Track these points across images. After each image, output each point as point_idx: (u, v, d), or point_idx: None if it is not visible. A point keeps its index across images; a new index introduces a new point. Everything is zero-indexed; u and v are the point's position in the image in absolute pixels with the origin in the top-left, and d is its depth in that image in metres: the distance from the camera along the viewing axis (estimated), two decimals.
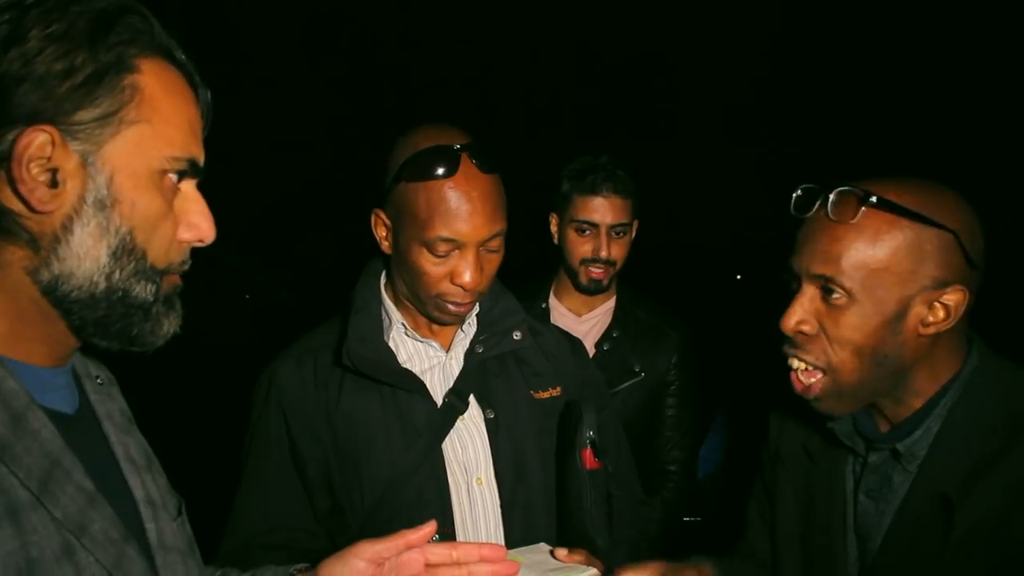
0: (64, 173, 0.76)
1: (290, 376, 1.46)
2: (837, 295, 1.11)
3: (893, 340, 1.11)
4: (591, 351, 2.13)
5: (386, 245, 1.43)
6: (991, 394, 1.14)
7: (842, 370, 1.14)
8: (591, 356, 1.98)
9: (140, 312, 0.83)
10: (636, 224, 2.18)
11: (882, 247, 1.08)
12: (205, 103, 0.90)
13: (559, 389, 1.54)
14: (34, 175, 0.75)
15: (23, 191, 0.75)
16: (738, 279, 6.72)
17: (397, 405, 1.43)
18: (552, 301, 2.28)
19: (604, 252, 2.11)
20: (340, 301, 1.52)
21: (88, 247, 0.78)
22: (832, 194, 1.11)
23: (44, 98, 0.74)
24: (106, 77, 0.77)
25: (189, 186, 0.87)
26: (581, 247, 2.13)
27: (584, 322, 2.25)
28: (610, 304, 2.26)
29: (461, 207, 1.30)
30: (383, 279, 1.53)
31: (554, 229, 2.22)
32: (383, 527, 1.04)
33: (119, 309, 0.82)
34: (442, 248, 1.32)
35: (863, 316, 1.10)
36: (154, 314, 0.85)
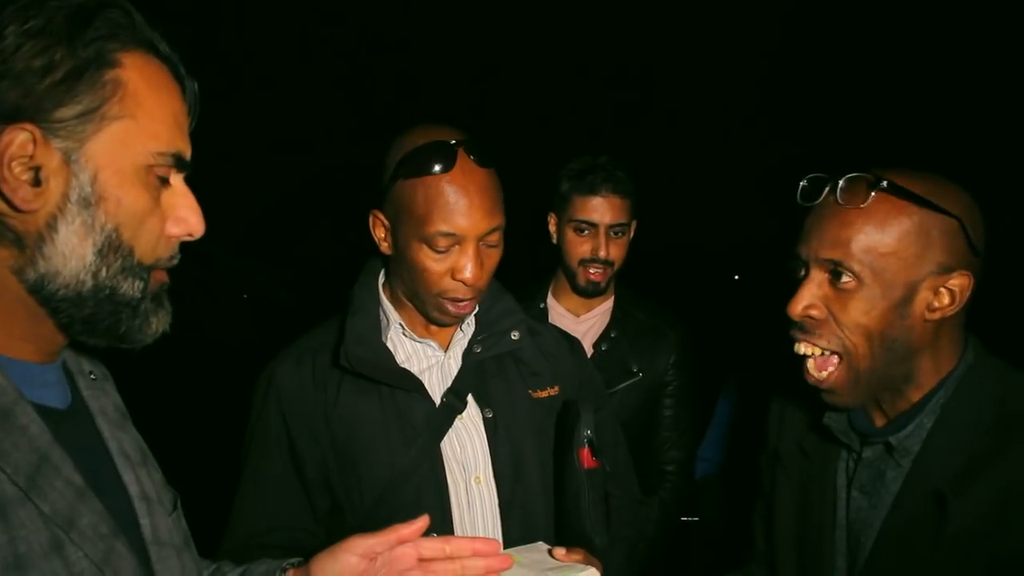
0: (47, 171, 0.75)
1: (289, 376, 1.46)
2: (847, 279, 1.13)
3: (901, 324, 1.13)
4: (589, 351, 2.13)
5: (385, 246, 1.43)
6: (985, 392, 1.16)
7: (856, 354, 1.16)
8: (589, 356, 1.99)
9: (128, 309, 0.83)
10: (634, 224, 2.18)
11: (890, 232, 1.11)
12: (192, 95, 0.89)
13: (557, 388, 1.55)
14: (16, 174, 0.74)
15: (6, 190, 0.74)
16: (736, 279, 6.72)
17: (396, 405, 1.43)
18: (550, 301, 2.28)
19: (602, 252, 2.11)
20: (339, 301, 1.52)
21: (73, 245, 0.78)
22: (842, 180, 1.14)
23: (24, 96, 0.73)
24: (86, 73, 0.76)
25: (176, 180, 0.87)
26: (580, 247, 2.14)
27: (582, 322, 2.25)
28: (608, 304, 2.27)
29: (459, 201, 1.30)
30: (381, 279, 1.53)
31: (552, 229, 2.22)
32: (382, 527, 1.03)
33: (107, 307, 0.81)
34: (442, 243, 1.32)
35: (872, 300, 1.13)
36: (142, 311, 0.84)
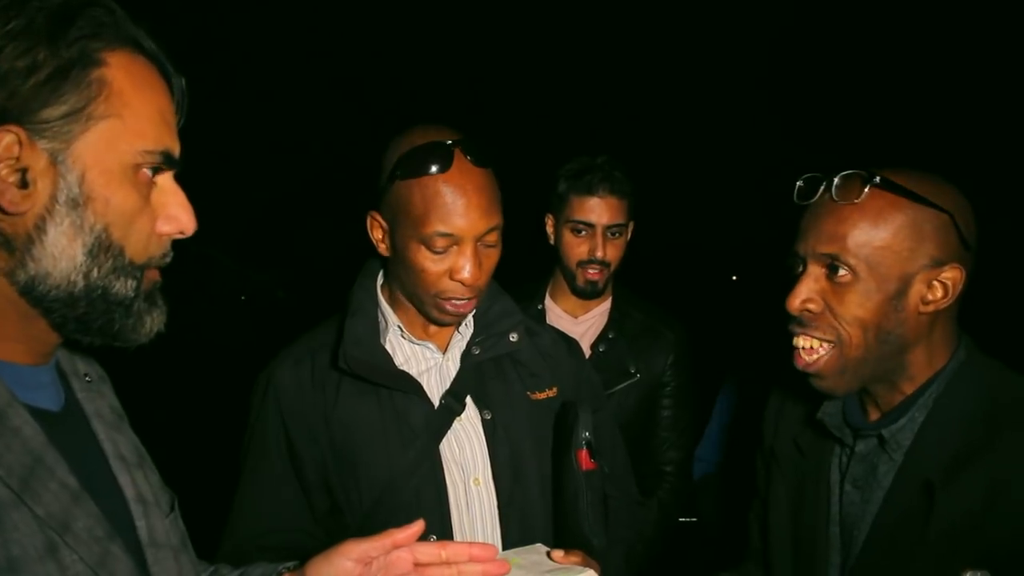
0: (34, 173, 0.75)
1: (288, 377, 1.46)
2: (843, 272, 1.17)
3: (896, 317, 1.16)
4: (587, 352, 2.13)
5: (383, 247, 1.43)
6: (977, 387, 1.19)
7: (849, 344, 1.19)
8: (587, 357, 1.99)
9: (121, 308, 0.83)
10: (632, 225, 2.18)
11: (884, 227, 1.14)
12: (179, 92, 0.88)
13: (555, 390, 1.54)
14: (3, 176, 0.74)
15: None
16: (734, 280, 6.73)
17: (394, 407, 1.43)
18: (548, 302, 2.28)
19: (600, 253, 2.11)
20: (338, 301, 1.52)
21: (63, 246, 0.77)
22: (837, 178, 1.18)
23: (8, 97, 0.73)
24: (71, 73, 0.75)
25: (166, 178, 0.86)
26: (577, 247, 2.14)
27: (580, 323, 2.25)
28: (606, 305, 2.27)
29: (457, 201, 1.30)
30: (379, 281, 1.53)
31: (550, 230, 2.22)
32: (381, 528, 1.03)
33: (100, 306, 0.81)
34: (440, 244, 1.32)
35: (867, 293, 1.16)
36: (136, 310, 0.84)
